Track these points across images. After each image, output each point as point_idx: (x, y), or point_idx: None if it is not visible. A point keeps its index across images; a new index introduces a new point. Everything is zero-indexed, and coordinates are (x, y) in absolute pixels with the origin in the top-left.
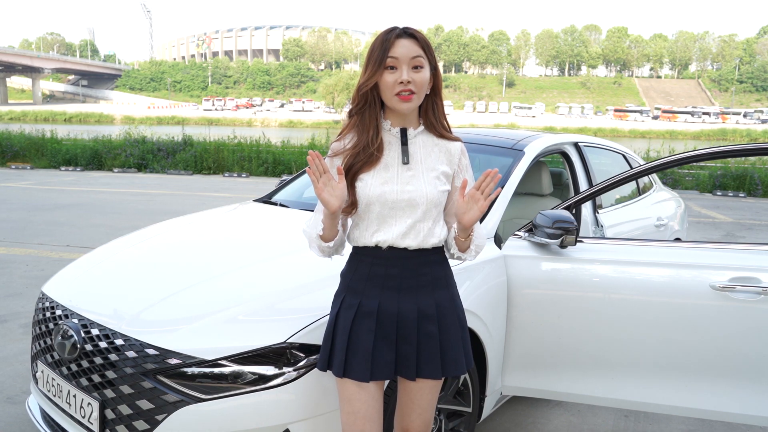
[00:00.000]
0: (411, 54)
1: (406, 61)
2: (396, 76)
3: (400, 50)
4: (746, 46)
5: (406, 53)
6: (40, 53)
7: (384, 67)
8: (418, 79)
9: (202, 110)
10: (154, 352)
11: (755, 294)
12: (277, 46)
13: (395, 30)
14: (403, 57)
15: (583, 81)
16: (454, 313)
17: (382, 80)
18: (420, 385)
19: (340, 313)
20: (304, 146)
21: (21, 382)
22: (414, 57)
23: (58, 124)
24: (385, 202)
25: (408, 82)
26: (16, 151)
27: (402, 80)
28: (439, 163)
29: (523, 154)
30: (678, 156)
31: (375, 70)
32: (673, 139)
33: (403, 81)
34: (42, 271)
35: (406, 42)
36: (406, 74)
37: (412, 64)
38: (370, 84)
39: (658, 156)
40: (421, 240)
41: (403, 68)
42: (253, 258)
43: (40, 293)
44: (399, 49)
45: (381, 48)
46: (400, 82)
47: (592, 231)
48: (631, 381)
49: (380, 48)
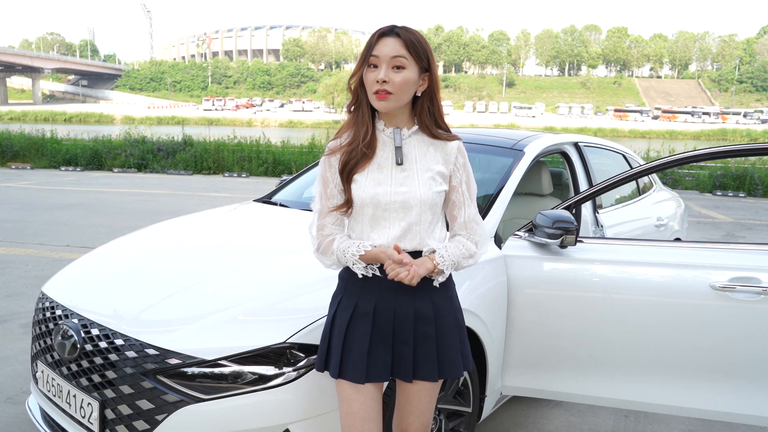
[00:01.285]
0: (391, 53)
1: (386, 60)
2: (375, 74)
3: (381, 49)
4: (746, 46)
5: (387, 52)
6: (40, 53)
7: (367, 65)
8: (396, 79)
9: (202, 110)
10: (154, 352)
11: (755, 294)
12: (277, 46)
13: (383, 28)
14: (384, 56)
15: (583, 81)
16: (452, 315)
17: (365, 77)
18: (418, 387)
19: (337, 314)
20: (304, 146)
21: (21, 382)
22: (394, 57)
23: (58, 124)
24: (378, 204)
25: (384, 81)
26: (16, 151)
27: (378, 78)
28: (434, 163)
29: (523, 154)
30: (678, 156)
31: (359, 67)
32: (673, 139)
33: (378, 80)
34: (42, 271)
35: (390, 41)
36: (383, 73)
37: (392, 63)
38: (354, 80)
39: (658, 156)
40: (418, 242)
41: (382, 67)
42: (253, 258)
43: (40, 293)
44: (381, 47)
45: (367, 45)
46: (377, 81)
47: (592, 231)
48: (631, 381)
49: (366, 45)
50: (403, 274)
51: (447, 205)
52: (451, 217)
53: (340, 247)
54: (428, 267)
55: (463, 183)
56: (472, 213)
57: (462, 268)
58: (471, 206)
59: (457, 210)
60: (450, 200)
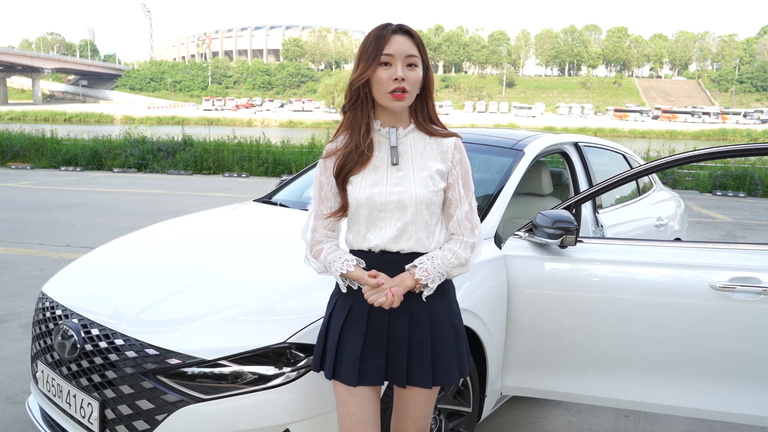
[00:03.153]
0: (407, 52)
1: (401, 58)
2: (390, 73)
3: (396, 47)
4: (746, 46)
5: (403, 50)
6: (40, 53)
7: (378, 63)
8: (411, 77)
9: (202, 110)
10: (154, 352)
11: (755, 294)
12: (277, 46)
13: (390, 26)
14: (399, 54)
15: (583, 81)
16: (449, 321)
17: (375, 76)
18: (413, 392)
19: (332, 315)
20: (304, 146)
21: (21, 382)
22: (409, 55)
23: (58, 124)
24: (374, 205)
25: (402, 79)
26: (16, 151)
27: (397, 76)
28: (432, 162)
29: (523, 154)
30: (678, 156)
31: (369, 65)
32: (673, 139)
33: (398, 77)
34: (42, 271)
35: (402, 39)
36: (401, 71)
37: (407, 62)
38: (363, 79)
39: (658, 156)
40: (415, 243)
41: (397, 65)
42: (253, 258)
43: (40, 293)
44: (395, 45)
45: (375, 43)
46: (395, 78)
47: (592, 231)
48: (631, 381)
49: (375, 43)
50: (381, 299)
51: (444, 204)
52: (448, 216)
53: (327, 259)
54: (408, 285)
55: (459, 180)
56: (465, 211)
57: (453, 277)
58: (465, 204)
59: (453, 208)
60: (447, 198)
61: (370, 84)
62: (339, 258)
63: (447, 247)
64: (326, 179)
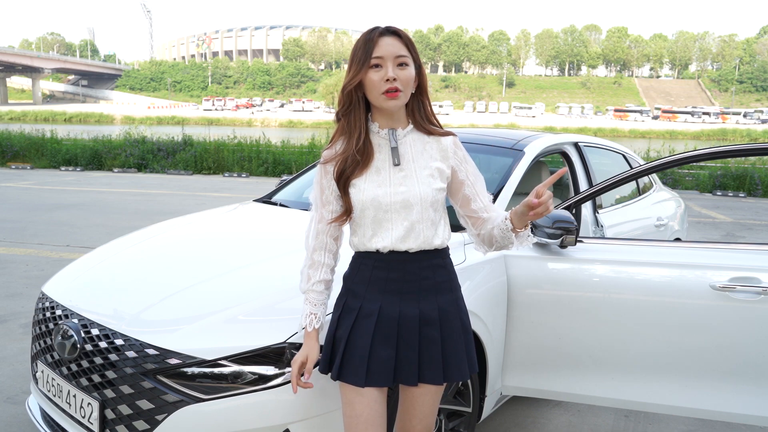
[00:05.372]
0: (396, 52)
1: (390, 58)
2: (382, 74)
3: (385, 48)
4: (746, 46)
5: (392, 51)
6: (40, 53)
7: (369, 66)
8: (403, 76)
9: (202, 110)
10: (154, 352)
11: (755, 294)
12: (277, 46)
13: (378, 28)
14: (388, 55)
15: (583, 81)
16: (458, 318)
17: (367, 79)
18: (422, 391)
19: (342, 316)
20: (304, 146)
21: (21, 382)
22: (399, 55)
23: (58, 124)
24: (379, 206)
25: (394, 78)
26: (16, 151)
27: (388, 77)
28: (432, 160)
29: (523, 154)
30: (678, 156)
31: (359, 68)
32: (673, 139)
33: (389, 78)
34: (42, 271)
35: (391, 40)
36: (391, 71)
37: (397, 62)
38: (355, 82)
39: (658, 156)
40: (422, 242)
41: (388, 66)
42: (253, 258)
43: (40, 293)
44: (383, 47)
45: (365, 47)
46: (387, 79)
47: (592, 231)
48: (632, 381)
49: (364, 47)
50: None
51: (460, 201)
52: (471, 212)
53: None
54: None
55: (470, 175)
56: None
57: (507, 247)
58: (486, 194)
59: (474, 202)
60: (464, 195)
61: (363, 88)
62: (308, 314)
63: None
64: (327, 182)
